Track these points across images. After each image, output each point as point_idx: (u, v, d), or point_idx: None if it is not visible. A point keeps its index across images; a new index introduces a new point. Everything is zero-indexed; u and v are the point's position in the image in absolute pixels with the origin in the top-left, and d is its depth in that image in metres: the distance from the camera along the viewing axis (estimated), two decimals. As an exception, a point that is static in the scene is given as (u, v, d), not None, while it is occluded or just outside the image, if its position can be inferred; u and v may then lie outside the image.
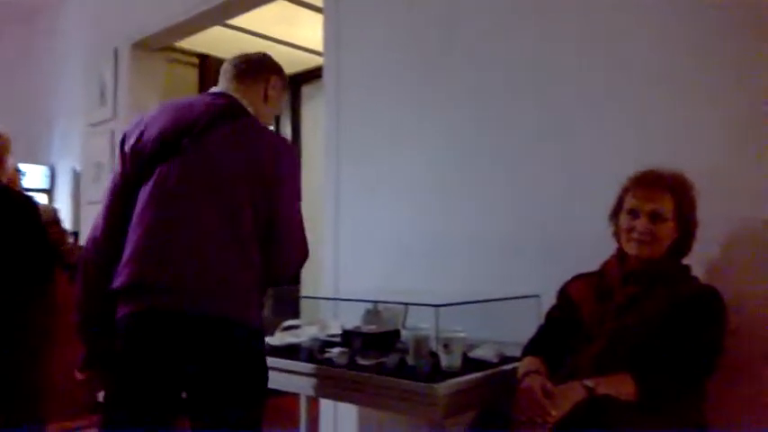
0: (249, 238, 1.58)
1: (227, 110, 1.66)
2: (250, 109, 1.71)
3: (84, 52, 4.51)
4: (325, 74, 2.88)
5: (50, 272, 2.65)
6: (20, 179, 3.12)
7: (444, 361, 1.71)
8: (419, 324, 1.85)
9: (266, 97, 1.79)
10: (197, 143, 1.59)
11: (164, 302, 1.51)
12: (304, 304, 3.21)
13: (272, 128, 1.93)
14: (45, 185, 4.94)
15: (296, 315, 2.72)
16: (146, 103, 3.88)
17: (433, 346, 1.76)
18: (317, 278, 2.90)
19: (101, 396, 1.64)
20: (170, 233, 1.54)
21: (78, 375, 1.68)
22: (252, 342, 1.60)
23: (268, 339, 2.07)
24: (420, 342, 1.72)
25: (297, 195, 1.69)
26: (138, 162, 1.61)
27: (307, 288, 3.64)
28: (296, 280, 3.39)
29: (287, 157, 1.68)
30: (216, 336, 1.52)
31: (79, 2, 4.67)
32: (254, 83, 1.76)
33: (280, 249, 1.64)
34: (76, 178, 4.62)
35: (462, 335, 1.74)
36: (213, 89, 1.78)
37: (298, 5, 3.77)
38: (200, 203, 1.56)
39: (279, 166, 1.63)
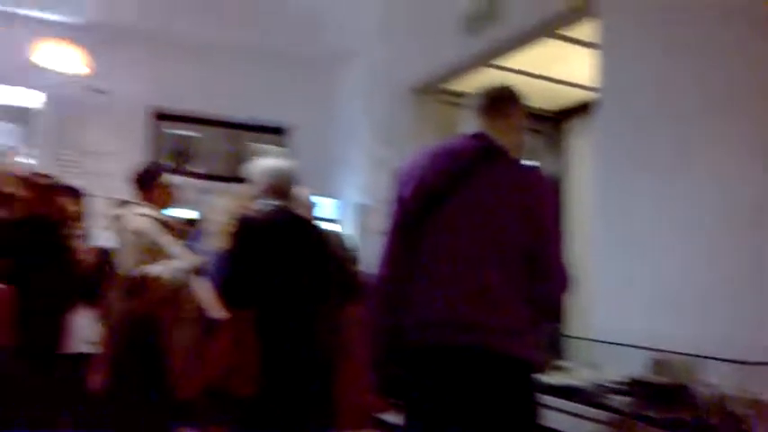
0: (522, 277, 1.65)
1: (487, 152, 1.73)
2: (506, 146, 1.77)
3: (368, 99, 5.03)
4: (596, 112, 2.77)
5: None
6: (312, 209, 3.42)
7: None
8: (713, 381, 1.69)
9: (517, 129, 1.84)
10: (465, 189, 1.68)
11: (454, 338, 1.63)
12: (566, 344, 3.12)
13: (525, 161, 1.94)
14: (334, 216, 5.27)
15: (556, 353, 2.67)
16: (422, 143, 4.14)
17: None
18: (577, 318, 2.79)
19: (386, 416, 1.79)
20: (456, 278, 1.66)
21: (371, 398, 1.84)
22: (530, 378, 1.67)
23: (540, 377, 2.08)
24: (722, 402, 1.58)
25: (558, 230, 1.73)
26: (413, 209, 1.74)
27: (568, 327, 3.52)
28: (557, 318, 3.33)
29: (547, 193, 1.74)
30: (502, 371, 1.60)
31: (365, 56, 5.22)
32: (507, 117, 1.82)
33: (545, 285, 1.69)
34: (362, 210, 5.03)
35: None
36: (470, 130, 1.84)
37: (566, 42, 3.72)
38: (480, 249, 1.65)
39: (542, 205, 1.69)
